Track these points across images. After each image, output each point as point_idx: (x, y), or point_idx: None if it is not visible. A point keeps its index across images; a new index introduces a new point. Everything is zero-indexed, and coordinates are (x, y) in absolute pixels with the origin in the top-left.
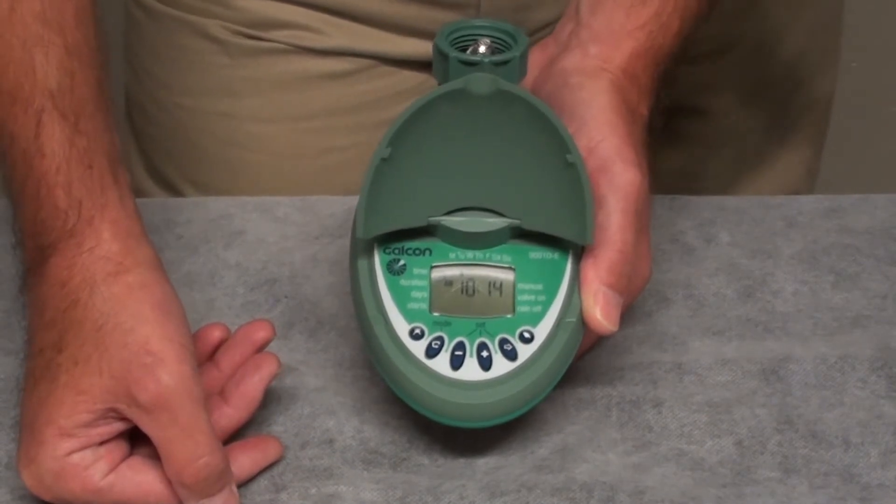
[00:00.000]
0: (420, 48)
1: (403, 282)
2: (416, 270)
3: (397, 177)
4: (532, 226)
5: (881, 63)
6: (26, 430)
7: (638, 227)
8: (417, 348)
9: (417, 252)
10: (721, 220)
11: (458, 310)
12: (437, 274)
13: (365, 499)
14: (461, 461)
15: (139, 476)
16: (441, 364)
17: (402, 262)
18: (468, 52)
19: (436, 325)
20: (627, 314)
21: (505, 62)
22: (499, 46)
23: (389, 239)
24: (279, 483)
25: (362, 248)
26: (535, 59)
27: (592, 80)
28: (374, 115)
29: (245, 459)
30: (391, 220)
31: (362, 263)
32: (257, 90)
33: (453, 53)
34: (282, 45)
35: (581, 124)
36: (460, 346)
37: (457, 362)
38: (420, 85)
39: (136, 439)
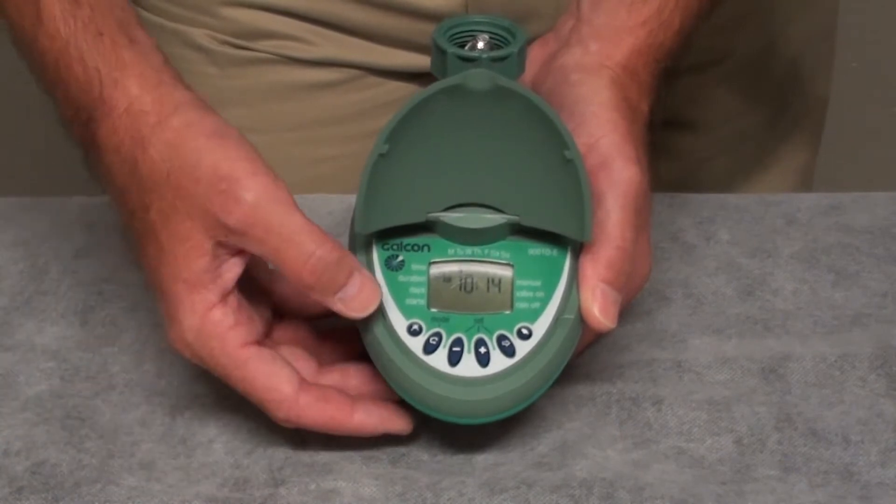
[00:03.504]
0: (408, 60)
1: (402, 278)
2: (414, 266)
3: (395, 173)
4: (531, 222)
5: (881, 63)
6: (157, 291)
7: (637, 224)
8: (415, 344)
9: (416, 248)
10: (721, 218)
11: (456, 306)
12: (435, 270)
13: (364, 494)
14: (460, 457)
15: (274, 366)
16: (439, 360)
17: (400, 258)
18: (466, 48)
19: (434, 321)
20: (627, 312)
21: (503, 58)
22: (497, 42)
23: (388, 235)
24: (278, 478)
25: (360, 243)
26: (536, 55)
27: (593, 76)
28: (363, 126)
29: (375, 410)
30: (389, 216)
31: (360, 259)
32: (244, 100)
33: (451, 49)
34: (269, 55)
35: (581, 121)
36: (458, 342)
37: (454, 358)
38: (409, 95)
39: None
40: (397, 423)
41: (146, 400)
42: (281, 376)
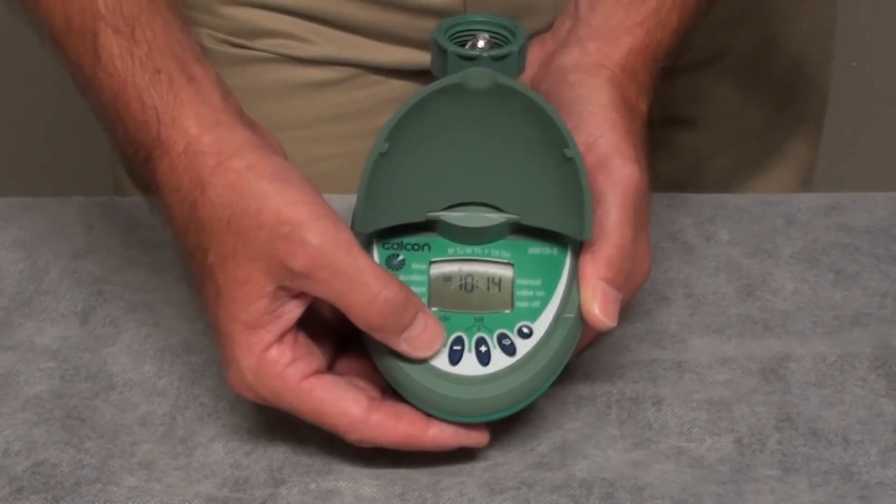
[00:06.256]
0: (408, 57)
1: (402, 277)
2: (414, 266)
3: (396, 172)
4: (531, 221)
5: (881, 63)
6: (215, 331)
7: (636, 223)
8: None
9: (416, 247)
10: (720, 218)
11: (456, 305)
12: (435, 269)
13: (364, 494)
14: (461, 457)
15: (338, 391)
16: (439, 359)
17: (400, 258)
18: (467, 46)
19: None
20: (627, 312)
21: (503, 57)
22: (497, 41)
23: (388, 234)
24: (278, 478)
25: (361, 242)
26: (534, 55)
27: (591, 76)
28: (362, 124)
29: (450, 424)
30: (390, 215)
31: None
32: (244, 99)
33: (452, 48)
34: (269, 54)
35: (580, 121)
36: (459, 341)
37: (455, 357)
38: (409, 93)
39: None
40: (473, 436)
41: (146, 400)
42: (347, 399)
